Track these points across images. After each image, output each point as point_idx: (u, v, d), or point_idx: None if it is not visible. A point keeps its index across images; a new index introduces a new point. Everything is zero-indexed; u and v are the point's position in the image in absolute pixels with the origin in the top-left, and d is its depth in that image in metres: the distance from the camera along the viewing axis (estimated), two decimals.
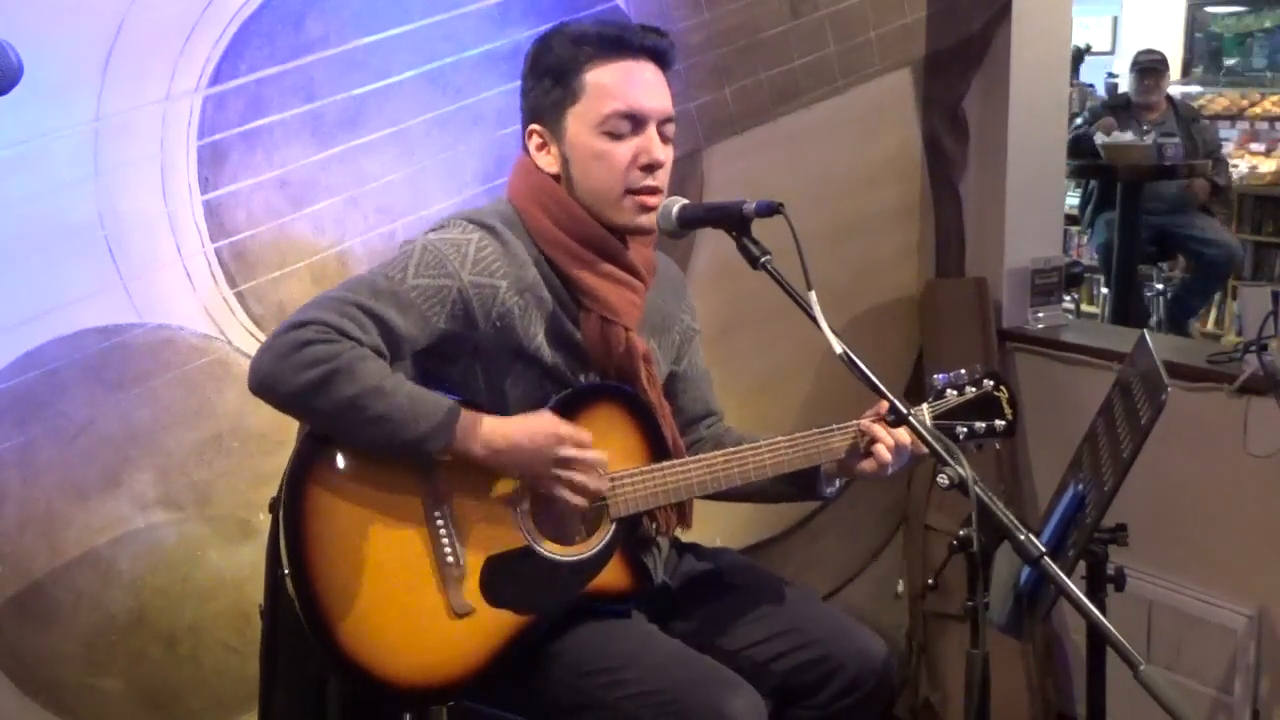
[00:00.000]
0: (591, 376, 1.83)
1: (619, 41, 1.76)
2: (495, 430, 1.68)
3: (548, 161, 1.80)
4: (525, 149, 1.83)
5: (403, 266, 1.70)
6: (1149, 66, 5.96)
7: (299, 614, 1.63)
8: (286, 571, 1.62)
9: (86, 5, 1.97)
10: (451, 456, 1.67)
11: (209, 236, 2.12)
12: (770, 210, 1.67)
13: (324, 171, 2.22)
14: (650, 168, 1.76)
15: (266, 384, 1.61)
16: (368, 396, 1.59)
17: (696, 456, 1.82)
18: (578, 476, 1.71)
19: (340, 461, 1.66)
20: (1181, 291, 6.27)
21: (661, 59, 1.80)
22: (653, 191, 1.78)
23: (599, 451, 1.73)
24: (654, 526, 1.87)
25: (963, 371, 1.95)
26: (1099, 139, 5.62)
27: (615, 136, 1.75)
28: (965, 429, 1.91)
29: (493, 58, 2.35)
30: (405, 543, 1.67)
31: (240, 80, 2.11)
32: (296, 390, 1.59)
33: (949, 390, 1.93)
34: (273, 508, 1.68)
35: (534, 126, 1.81)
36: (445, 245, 1.72)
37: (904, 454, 1.85)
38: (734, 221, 1.71)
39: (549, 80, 1.77)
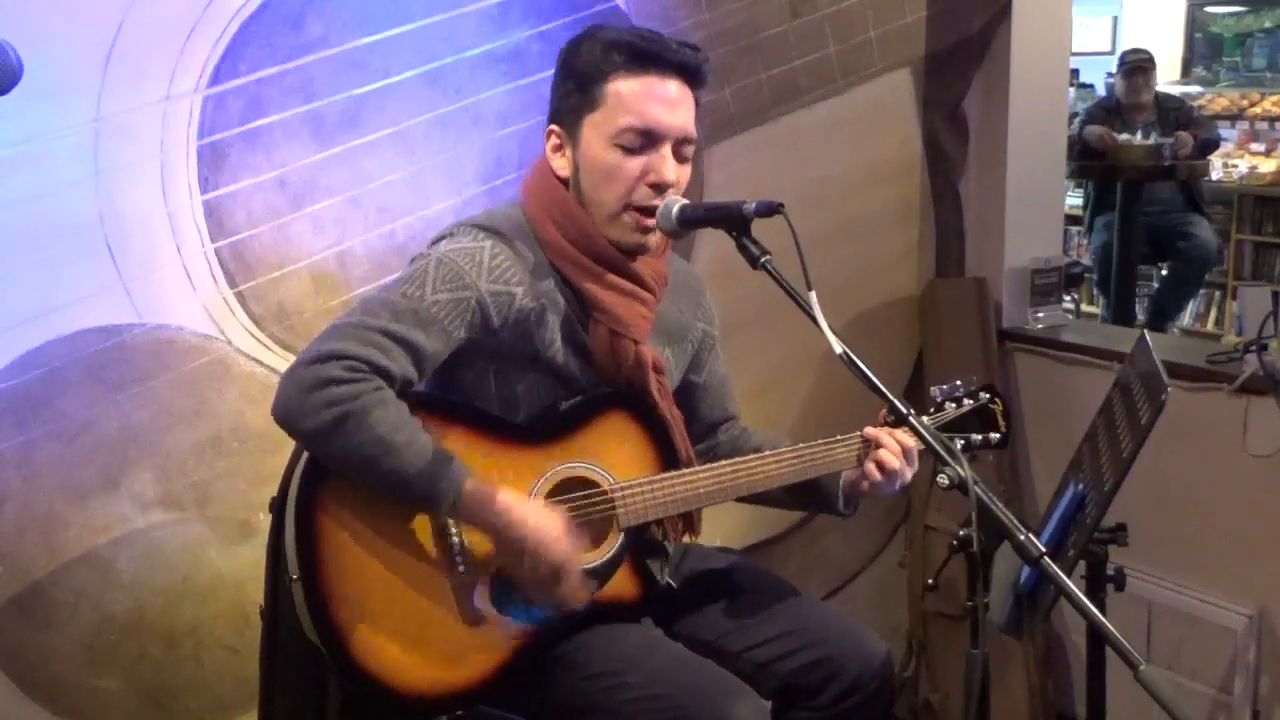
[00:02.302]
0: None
1: (649, 55, 1.73)
2: (509, 511, 1.65)
3: (561, 164, 1.79)
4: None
5: (420, 283, 1.68)
6: (1137, 66, 5.95)
7: (307, 621, 1.62)
8: (295, 577, 1.62)
9: (86, 5, 1.97)
10: (456, 519, 1.66)
11: (209, 236, 2.12)
12: (770, 210, 1.67)
13: (324, 171, 2.22)
14: (658, 187, 1.75)
15: (286, 417, 1.61)
16: (377, 448, 1.58)
17: (704, 466, 1.82)
18: (558, 592, 1.68)
19: None
20: (1159, 295, 6.27)
21: (691, 76, 1.77)
22: (655, 211, 1.76)
23: (586, 592, 1.71)
24: (661, 534, 1.87)
25: (959, 383, 1.98)
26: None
27: (627, 151, 1.73)
28: (962, 440, 1.93)
29: (493, 58, 2.35)
30: (416, 551, 1.67)
31: (240, 80, 2.11)
32: (312, 430, 1.58)
33: (947, 403, 1.95)
34: (273, 508, 1.68)
35: (553, 127, 1.80)
36: (460, 256, 1.71)
37: (900, 479, 1.83)
38: (734, 222, 1.70)
39: (573, 84, 1.76)
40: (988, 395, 1.97)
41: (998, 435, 1.98)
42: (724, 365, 2.06)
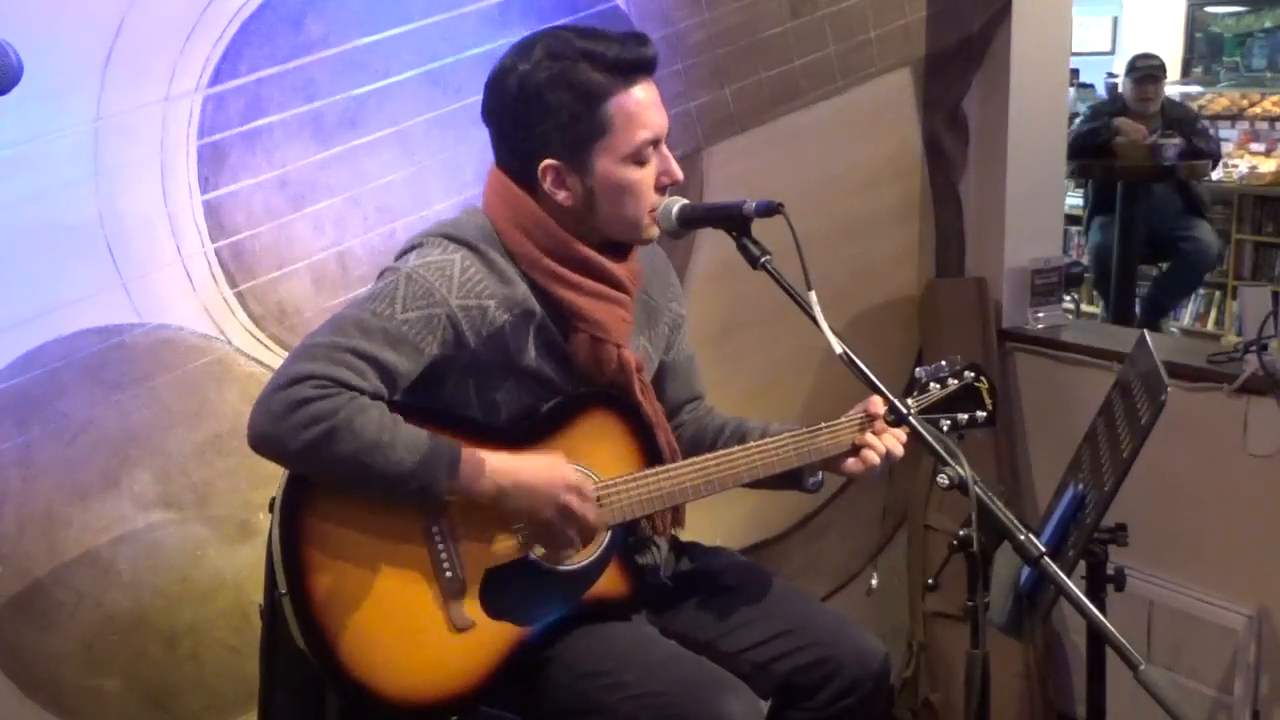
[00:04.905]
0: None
1: (634, 64, 1.72)
2: (502, 470, 1.66)
3: (565, 196, 1.73)
4: (512, 177, 1.76)
5: (390, 300, 1.66)
6: (1149, 74, 5.91)
7: (297, 634, 1.62)
8: (284, 591, 1.61)
9: (86, 5, 1.97)
10: (457, 496, 1.66)
11: (209, 236, 2.12)
12: (770, 210, 1.67)
13: (324, 171, 2.22)
14: (668, 188, 1.76)
15: (266, 444, 1.60)
16: (369, 453, 1.58)
17: (688, 461, 1.81)
18: (570, 531, 1.70)
19: None
20: (1155, 290, 6.26)
21: (655, 68, 1.78)
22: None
23: (596, 507, 1.72)
24: (649, 528, 1.87)
25: (943, 363, 1.96)
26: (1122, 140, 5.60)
27: (640, 163, 1.73)
28: (948, 421, 1.93)
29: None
30: (403, 558, 1.66)
31: (240, 80, 2.11)
32: (298, 451, 1.58)
33: (931, 383, 1.94)
34: (273, 507, 1.68)
35: (549, 163, 1.72)
36: (429, 271, 1.69)
37: (883, 465, 1.85)
38: (734, 221, 1.71)
39: (565, 115, 1.69)
40: (973, 374, 1.94)
41: (984, 413, 1.95)
42: (690, 345, 2.05)
